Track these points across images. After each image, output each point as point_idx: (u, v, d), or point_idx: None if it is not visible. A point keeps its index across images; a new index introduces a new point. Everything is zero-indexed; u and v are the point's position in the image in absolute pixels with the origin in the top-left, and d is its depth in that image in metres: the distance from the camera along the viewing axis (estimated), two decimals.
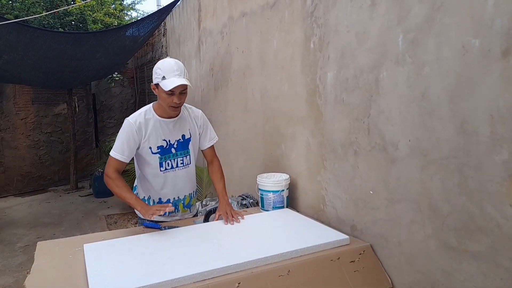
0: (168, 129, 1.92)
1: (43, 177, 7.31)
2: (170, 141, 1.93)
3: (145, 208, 1.80)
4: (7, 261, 4.02)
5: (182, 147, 1.98)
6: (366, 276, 1.54)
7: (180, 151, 1.97)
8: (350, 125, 1.73)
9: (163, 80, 1.78)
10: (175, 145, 1.95)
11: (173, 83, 1.75)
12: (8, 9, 6.15)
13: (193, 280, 1.33)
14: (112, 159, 1.86)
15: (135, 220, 5.20)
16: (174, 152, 1.95)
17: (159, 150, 1.91)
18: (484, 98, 1.15)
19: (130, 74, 8.41)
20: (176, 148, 1.96)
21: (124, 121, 1.89)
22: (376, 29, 1.54)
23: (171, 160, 1.95)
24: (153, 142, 1.89)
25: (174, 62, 1.82)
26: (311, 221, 1.91)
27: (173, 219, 2.05)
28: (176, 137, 1.95)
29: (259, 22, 2.58)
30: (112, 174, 1.85)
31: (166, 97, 1.81)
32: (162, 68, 1.80)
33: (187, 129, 1.99)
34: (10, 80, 6.34)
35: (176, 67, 1.79)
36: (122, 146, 1.84)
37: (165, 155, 1.93)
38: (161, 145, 1.91)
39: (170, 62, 1.82)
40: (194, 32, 4.31)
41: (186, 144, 1.99)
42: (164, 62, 1.83)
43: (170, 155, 1.94)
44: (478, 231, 1.20)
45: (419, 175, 1.39)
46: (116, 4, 7.57)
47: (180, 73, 1.79)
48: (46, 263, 1.52)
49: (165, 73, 1.79)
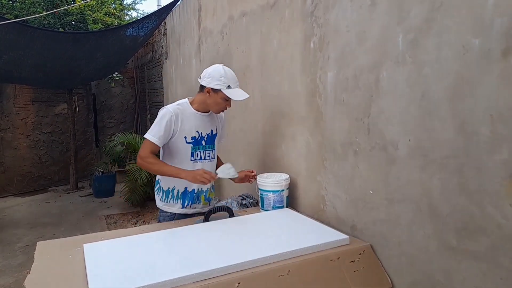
0: (202, 122, 2.10)
1: (43, 177, 7.32)
2: (202, 134, 2.10)
3: (191, 175, 1.92)
4: (7, 261, 4.02)
5: (210, 141, 2.15)
6: (366, 276, 1.54)
7: (208, 145, 2.14)
8: (350, 125, 1.73)
9: (228, 88, 1.98)
10: (205, 138, 2.12)
11: (242, 96, 2.00)
12: (8, 9, 6.15)
13: (193, 280, 1.33)
14: (148, 142, 1.98)
15: (135, 220, 5.21)
16: (204, 145, 2.12)
17: (192, 140, 2.07)
18: (484, 98, 1.15)
19: (130, 74, 8.42)
20: (206, 141, 2.12)
21: (161, 109, 2.05)
22: (376, 29, 1.54)
23: (200, 151, 2.11)
24: (188, 132, 2.05)
25: (232, 72, 2.05)
26: (311, 221, 1.91)
27: (194, 210, 2.14)
28: (207, 131, 2.13)
29: (259, 22, 2.58)
30: (147, 155, 1.97)
31: (221, 102, 2.02)
32: (226, 77, 1.99)
33: (215, 126, 2.18)
34: (10, 80, 6.35)
35: (236, 78, 2.04)
36: (159, 131, 1.97)
37: (196, 146, 2.09)
38: (194, 136, 2.07)
39: (231, 72, 2.04)
40: (194, 32, 4.31)
41: (213, 139, 2.17)
42: (226, 71, 2.01)
43: (200, 147, 2.10)
44: (478, 231, 1.20)
45: (419, 175, 1.39)
46: (116, 4, 7.59)
47: (238, 83, 2.05)
48: (46, 263, 1.52)
49: (230, 83, 1.99)
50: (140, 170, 5.35)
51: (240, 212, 2.17)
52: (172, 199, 2.11)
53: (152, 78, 7.15)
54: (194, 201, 2.13)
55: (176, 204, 2.11)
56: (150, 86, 7.37)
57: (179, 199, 2.11)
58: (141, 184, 5.37)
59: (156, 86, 6.90)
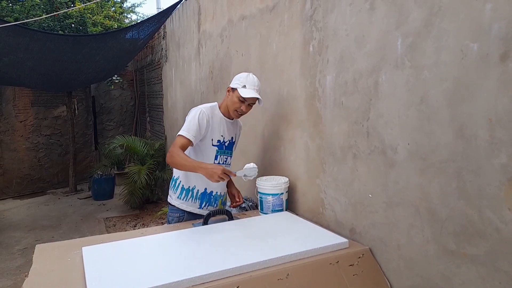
0: (226, 127, 2.17)
1: (42, 179, 7.31)
2: (225, 139, 2.17)
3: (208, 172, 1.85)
4: (5, 264, 4.01)
5: (230, 148, 2.21)
6: (365, 279, 1.53)
7: (228, 150, 2.20)
8: (349, 128, 1.73)
9: (243, 88, 2.04)
10: (226, 143, 2.18)
11: (251, 94, 2.02)
12: (8, 12, 6.17)
13: (192, 283, 1.33)
14: (181, 137, 2.00)
15: (134, 223, 5.20)
16: (224, 150, 2.17)
17: (218, 143, 2.13)
18: (482, 102, 1.15)
19: (130, 76, 8.43)
20: (227, 146, 2.18)
21: (193, 108, 2.10)
22: (375, 33, 1.55)
23: (223, 156, 2.16)
24: (215, 135, 2.11)
25: (256, 79, 2.10)
26: (310, 224, 1.91)
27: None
28: (229, 137, 2.19)
29: (258, 25, 2.59)
30: (176, 149, 1.95)
31: (236, 102, 2.06)
32: (246, 79, 2.07)
33: (235, 134, 2.26)
34: (9, 83, 6.35)
35: (257, 83, 2.09)
36: (194, 127, 2.01)
37: (220, 150, 2.14)
38: (219, 139, 2.13)
39: (254, 77, 2.09)
40: (194, 35, 4.32)
41: (232, 146, 2.23)
42: (249, 76, 2.09)
43: (223, 151, 2.16)
44: (477, 235, 1.20)
45: (418, 179, 1.39)
46: (116, 7, 7.60)
47: (258, 89, 2.09)
48: (45, 266, 1.51)
49: (247, 84, 2.05)
50: (139, 172, 5.34)
51: (239, 215, 2.17)
52: (191, 198, 2.14)
53: (152, 80, 7.16)
54: (211, 203, 2.18)
55: (194, 204, 2.15)
56: (150, 88, 7.38)
57: (198, 199, 2.15)
58: (140, 186, 5.36)
59: (155, 88, 6.91)
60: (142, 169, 5.42)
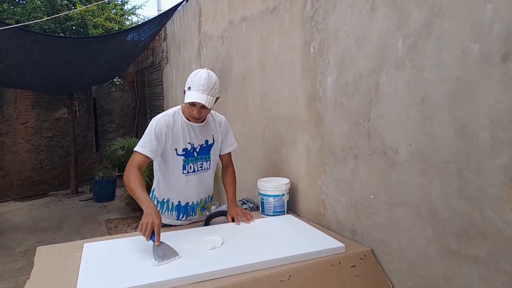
0: (194, 133, 1.96)
1: (43, 181, 7.31)
2: (194, 145, 1.98)
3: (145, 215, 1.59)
4: (6, 266, 4.01)
5: (204, 152, 2.02)
6: (367, 281, 1.53)
7: (201, 155, 2.02)
8: (350, 129, 1.73)
9: (188, 90, 1.83)
10: (197, 149, 2.00)
11: (191, 97, 1.79)
12: (9, 14, 6.18)
13: (193, 280, 1.33)
14: (137, 154, 1.83)
15: (135, 225, 5.19)
16: (196, 156, 2.00)
17: (184, 152, 1.95)
18: (483, 102, 1.15)
19: (131, 78, 8.43)
20: (198, 152, 2.00)
21: (152, 119, 1.93)
22: (375, 33, 1.55)
23: (193, 163, 2.00)
24: (180, 144, 1.93)
25: (205, 76, 1.81)
26: (310, 226, 1.90)
27: (189, 222, 2.09)
28: (200, 142, 2.00)
29: (259, 26, 2.59)
30: (131, 169, 1.77)
31: (188, 106, 1.86)
32: (192, 78, 1.83)
33: (211, 135, 2.04)
34: (10, 85, 6.36)
35: (204, 82, 1.79)
36: (150, 141, 1.85)
37: (188, 158, 1.97)
38: (185, 148, 1.95)
39: (201, 75, 1.81)
40: (194, 37, 4.33)
41: (208, 149, 2.04)
42: (197, 73, 1.83)
43: (192, 159, 1.99)
44: (479, 235, 1.19)
45: (419, 180, 1.39)
46: (117, 9, 7.62)
47: (206, 89, 1.79)
48: (46, 268, 1.51)
49: (191, 84, 1.82)
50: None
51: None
52: (167, 210, 2.05)
53: (153, 82, 7.16)
54: (189, 213, 2.08)
55: (171, 215, 2.06)
56: (151, 90, 7.38)
57: (174, 211, 2.05)
58: None
59: (156, 90, 6.91)
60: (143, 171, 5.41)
